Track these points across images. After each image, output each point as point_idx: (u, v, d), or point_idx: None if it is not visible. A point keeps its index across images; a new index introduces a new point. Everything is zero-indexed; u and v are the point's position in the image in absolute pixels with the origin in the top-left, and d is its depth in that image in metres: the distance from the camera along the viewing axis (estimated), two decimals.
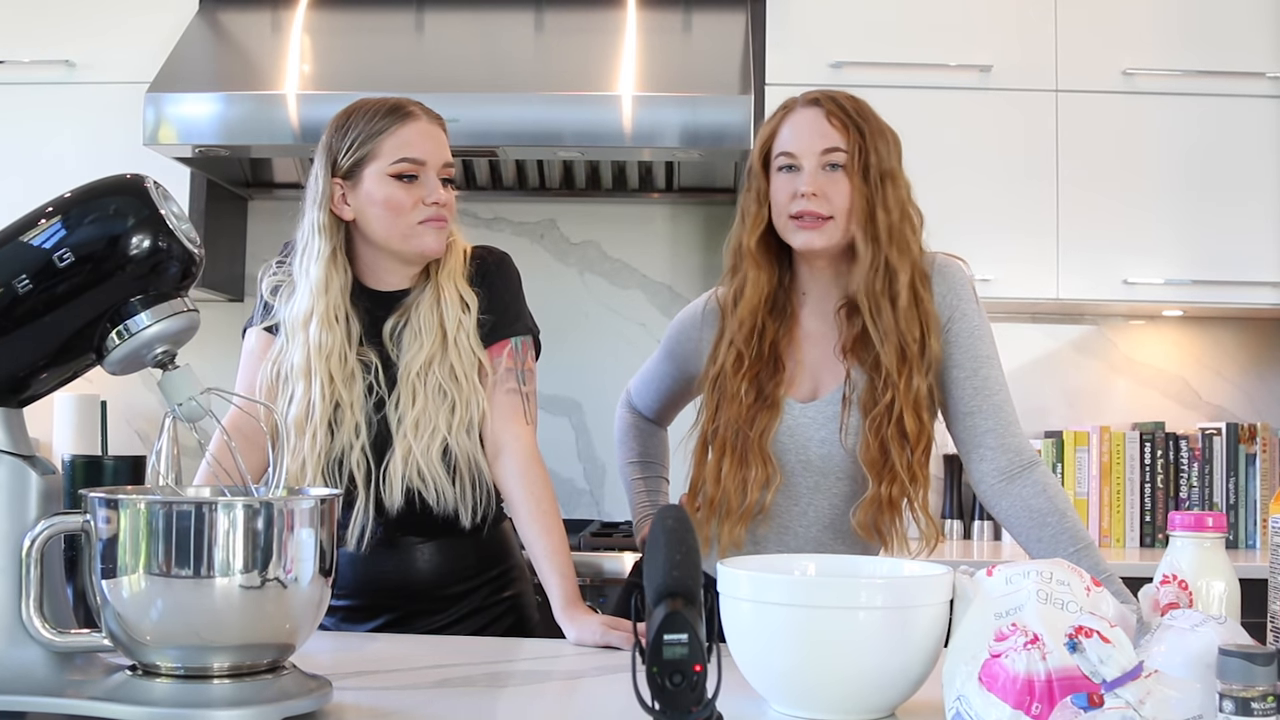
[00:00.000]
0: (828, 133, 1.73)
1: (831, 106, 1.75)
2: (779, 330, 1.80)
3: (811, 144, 1.73)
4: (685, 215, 3.51)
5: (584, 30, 3.13)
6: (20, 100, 3.19)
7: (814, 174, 1.72)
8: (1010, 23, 3.15)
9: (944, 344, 1.75)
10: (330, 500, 1.24)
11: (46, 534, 1.18)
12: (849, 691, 1.23)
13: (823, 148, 1.72)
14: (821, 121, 1.74)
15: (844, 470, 1.76)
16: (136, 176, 1.24)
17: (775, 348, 1.79)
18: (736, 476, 1.76)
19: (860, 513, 1.73)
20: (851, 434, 1.74)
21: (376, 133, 1.79)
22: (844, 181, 1.72)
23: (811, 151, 1.73)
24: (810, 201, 1.71)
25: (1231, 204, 3.12)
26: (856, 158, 1.71)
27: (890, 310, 1.71)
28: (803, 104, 1.77)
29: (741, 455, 1.76)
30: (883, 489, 1.71)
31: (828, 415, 1.76)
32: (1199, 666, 1.07)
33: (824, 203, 1.72)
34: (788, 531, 1.80)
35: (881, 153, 1.73)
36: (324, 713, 1.22)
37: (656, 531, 1.08)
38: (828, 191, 1.72)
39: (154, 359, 1.24)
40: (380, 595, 1.86)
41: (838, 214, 1.72)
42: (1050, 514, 1.67)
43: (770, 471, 1.75)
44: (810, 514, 1.79)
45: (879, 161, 1.72)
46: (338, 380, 1.79)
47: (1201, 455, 3.24)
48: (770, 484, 1.75)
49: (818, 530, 1.79)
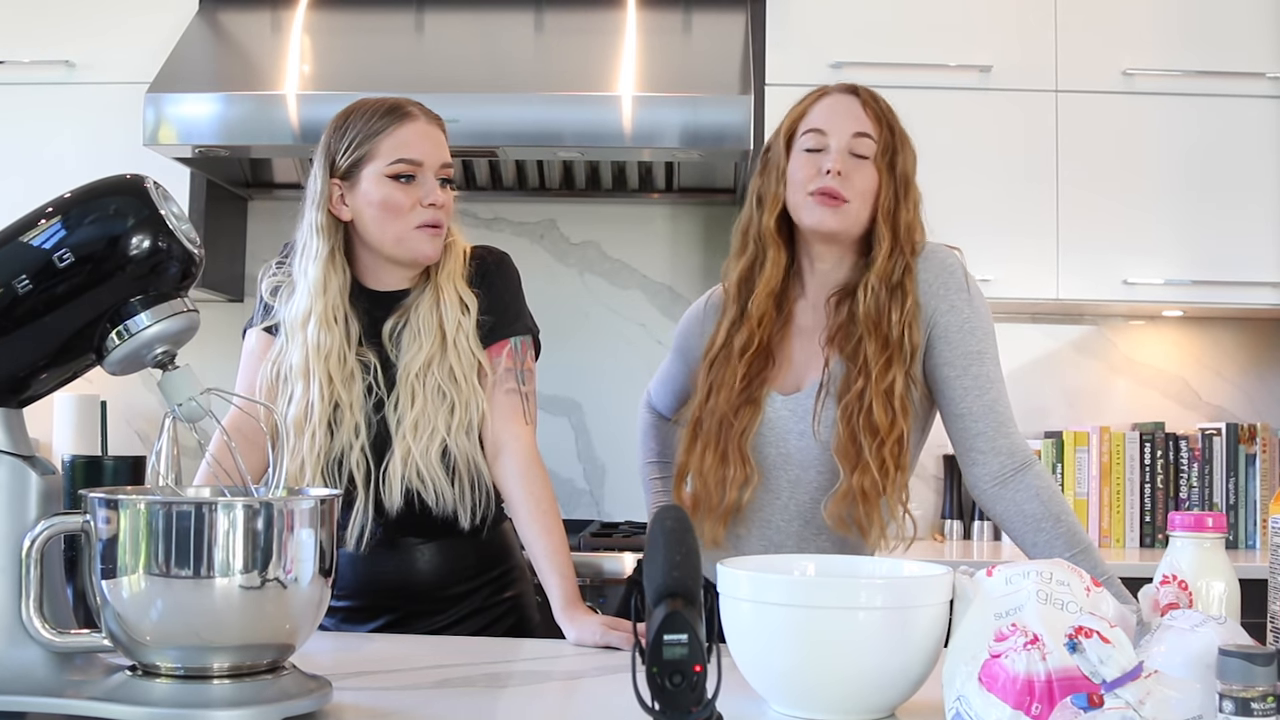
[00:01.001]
0: (861, 118, 1.74)
1: (868, 97, 1.77)
2: (774, 328, 1.81)
3: (845, 124, 1.74)
4: (685, 215, 3.51)
5: (584, 30, 3.13)
6: (20, 100, 3.19)
7: (842, 154, 1.73)
8: (1010, 23, 3.15)
9: (932, 339, 1.73)
10: (330, 500, 1.23)
11: (46, 534, 1.18)
12: (849, 692, 1.23)
13: (855, 130, 1.73)
14: (856, 107, 1.75)
15: (822, 463, 1.75)
16: (136, 177, 1.24)
17: (769, 345, 1.80)
18: (717, 473, 1.77)
19: (832, 505, 1.71)
20: (825, 425, 1.73)
21: (374, 133, 1.79)
22: (870, 170, 1.73)
23: (843, 131, 1.74)
24: (834, 180, 1.72)
25: (1231, 204, 3.12)
26: (884, 151, 1.73)
27: (889, 302, 1.71)
28: (839, 90, 1.79)
29: (722, 452, 1.77)
30: (854, 480, 1.68)
31: (805, 407, 1.75)
32: (1199, 667, 1.07)
33: (847, 185, 1.72)
34: (769, 526, 1.80)
35: (905, 156, 1.76)
36: (324, 713, 1.22)
37: (656, 532, 1.08)
38: (852, 175, 1.72)
39: (154, 359, 1.24)
40: (381, 596, 1.86)
41: (856, 199, 1.73)
42: (1044, 519, 1.67)
43: (748, 471, 1.76)
44: (792, 508, 1.79)
45: (904, 164, 1.75)
46: (337, 380, 1.79)
47: (1201, 455, 3.24)
48: (749, 483, 1.76)
49: (800, 525, 1.79)
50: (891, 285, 1.72)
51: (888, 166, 1.73)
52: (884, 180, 1.73)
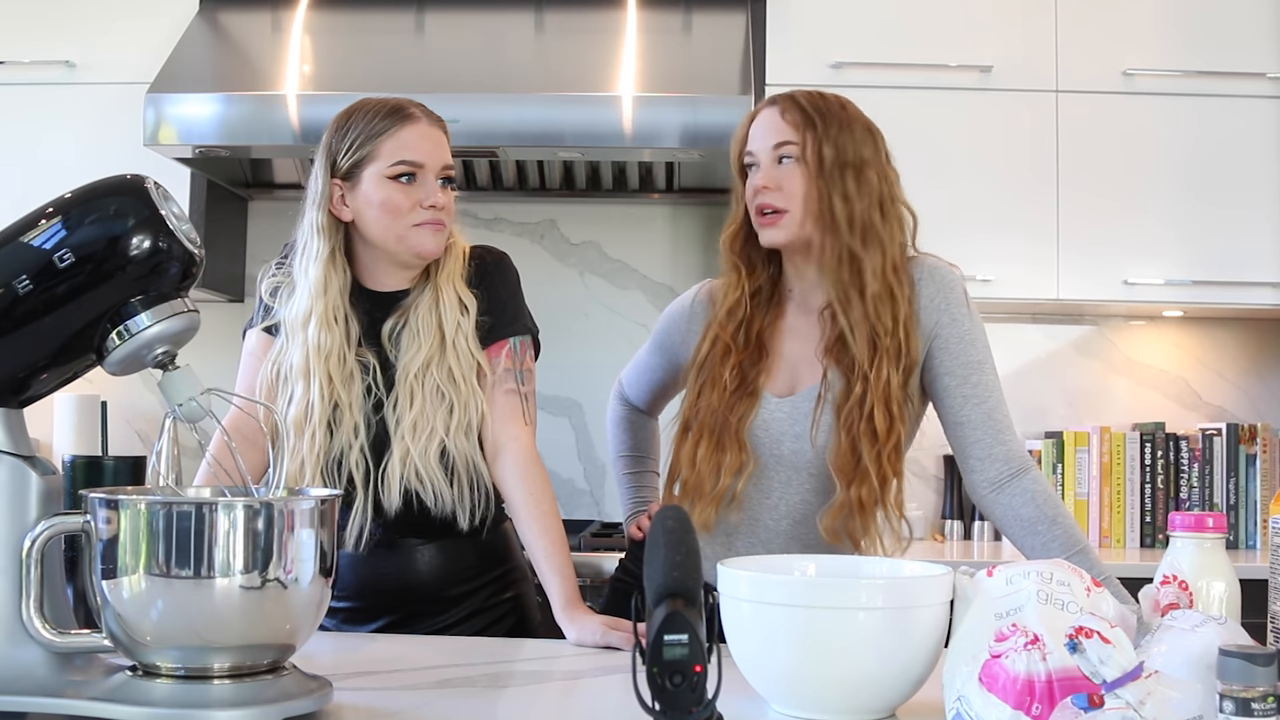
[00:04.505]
0: (780, 128, 1.77)
1: (786, 105, 1.79)
2: (765, 319, 1.82)
3: (766, 139, 1.78)
4: (685, 216, 3.51)
5: (584, 30, 3.13)
6: (20, 100, 3.19)
7: (768, 168, 1.77)
8: (1010, 23, 3.15)
9: (933, 350, 1.75)
10: (330, 501, 1.23)
11: (47, 534, 1.18)
12: (849, 692, 1.23)
13: (774, 142, 1.77)
14: (776, 119, 1.78)
15: (815, 468, 1.76)
16: (137, 177, 1.24)
17: (760, 337, 1.81)
18: (711, 460, 1.77)
19: (828, 518, 1.73)
20: (823, 432, 1.74)
21: (375, 134, 1.79)
22: (797, 173, 1.75)
23: (765, 146, 1.78)
24: (765, 194, 1.76)
25: (1231, 204, 3.12)
26: (807, 149, 1.74)
27: (859, 301, 1.72)
28: (764, 105, 1.82)
29: (718, 440, 1.77)
30: (851, 492, 1.71)
31: (802, 411, 1.76)
32: (1199, 667, 1.07)
33: (779, 195, 1.76)
34: (758, 523, 1.81)
35: (842, 145, 1.75)
36: (324, 713, 1.22)
37: (657, 532, 1.08)
38: (782, 184, 1.76)
39: (154, 359, 1.24)
40: (381, 597, 1.86)
41: (793, 206, 1.75)
42: (1040, 522, 1.68)
43: (745, 458, 1.77)
44: (781, 508, 1.80)
45: (837, 154, 1.74)
46: (336, 381, 1.79)
47: (1202, 456, 3.24)
48: (744, 470, 1.77)
49: (788, 524, 1.80)
50: (867, 285, 1.71)
51: (815, 165, 1.74)
52: (811, 181, 1.75)
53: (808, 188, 1.75)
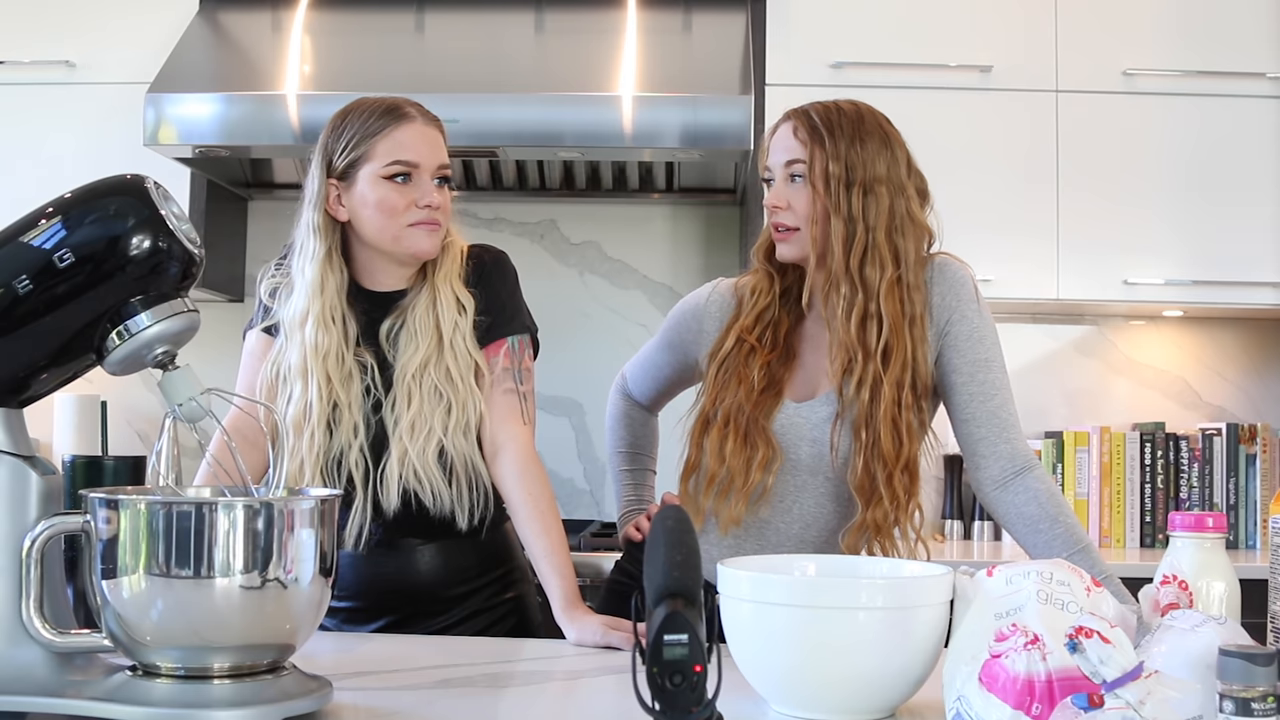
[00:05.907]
0: (791, 146, 1.77)
1: (799, 120, 1.78)
2: (791, 323, 1.83)
3: (779, 156, 1.79)
4: (685, 216, 3.51)
5: (584, 30, 3.13)
6: (20, 100, 3.19)
7: (780, 186, 1.78)
8: (1010, 23, 3.15)
9: (943, 347, 1.76)
10: (330, 500, 1.23)
11: (47, 534, 1.18)
12: (849, 692, 1.23)
13: (786, 159, 1.77)
14: (788, 136, 1.78)
15: (828, 475, 1.78)
16: (137, 177, 1.24)
17: (789, 338, 1.82)
18: (740, 455, 1.77)
19: (849, 537, 1.75)
20: (841, 454, 1.75)
21: (371, 134, 1.79)
22: (804, 191, 1.75)
23: (778, 164, 1.79)
24: (776, 214, 1.78)
25: (1231, 204, 3.12)
26: (814, 167, 1.74)
27: (860, 323, 1.71)
28: (780, 120, 1.82)
29: (745, 434, 1.77)
30: (869, 515, 1.72)
31: (821, 417, 1.76)
32: (1199, 667, 1.07)
33: (789, 214, 1.77)
34: (768, 526, 1.81)
35: (851, 162, 1.73)
36: (324, 713, 1.22)
37: (657, 532, 1.08)
38: (791, 202, 1.77)
39: (154, 359, 1.24)
40: (382, 597, 1.86)
41: (803, 224, 1.76)
42: (1042, 520, 1.69)
43: (772, 452, 1.76)
44: (794, 510, 1.80)
45: (843, 171, 1.73)
46: (335, 380, 1.79)
47: (1202, 456, 3.24)
48: (773, 464, 1.77)
49: (799, 527, 1.80)
50: (855, 306, 1.71)
51: (821, 183, 1.73)
52: (817, 199, 1.74)
53: (814, 207, 1.74)
